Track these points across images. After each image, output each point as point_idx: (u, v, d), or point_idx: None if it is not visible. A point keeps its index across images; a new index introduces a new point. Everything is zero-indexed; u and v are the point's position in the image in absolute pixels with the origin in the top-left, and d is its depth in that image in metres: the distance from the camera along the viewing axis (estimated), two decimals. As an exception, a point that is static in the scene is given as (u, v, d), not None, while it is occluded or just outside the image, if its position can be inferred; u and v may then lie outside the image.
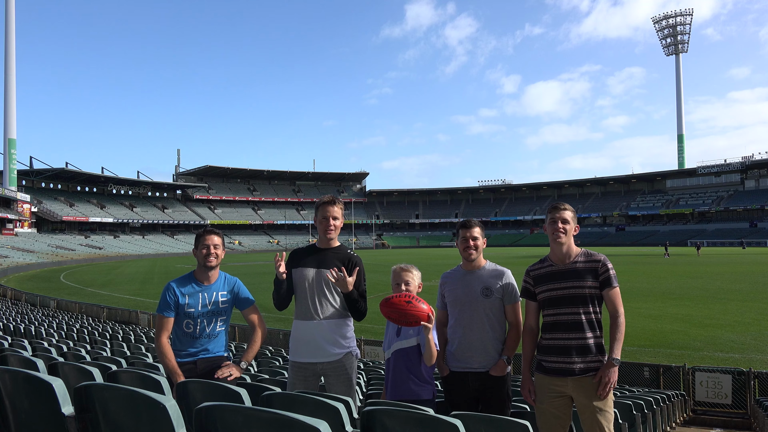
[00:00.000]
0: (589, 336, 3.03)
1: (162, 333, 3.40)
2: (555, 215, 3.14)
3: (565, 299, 3.06)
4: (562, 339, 3.05)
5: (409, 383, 3.27)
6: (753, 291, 21.75)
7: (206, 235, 3.55)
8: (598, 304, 3.07)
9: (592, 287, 3.03)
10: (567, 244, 3.12)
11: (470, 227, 3.41)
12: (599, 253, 3.13)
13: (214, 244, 3.52)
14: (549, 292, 3.12)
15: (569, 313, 3.04)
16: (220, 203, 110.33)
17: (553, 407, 3.08)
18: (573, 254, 3.13)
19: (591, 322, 3.04)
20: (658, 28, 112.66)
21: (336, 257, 3.45)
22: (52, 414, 2.10)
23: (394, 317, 3.10)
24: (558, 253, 3.14)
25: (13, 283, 33.51)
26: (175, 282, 3.51)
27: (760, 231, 75.50)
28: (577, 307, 3.03)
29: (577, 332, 3.03)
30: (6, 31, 65.86)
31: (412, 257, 59.77)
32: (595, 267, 3.05)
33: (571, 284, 3.05)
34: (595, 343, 3.04)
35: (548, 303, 3.13)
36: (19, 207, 67.43)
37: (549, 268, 3.16)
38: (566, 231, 3.10)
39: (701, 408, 8.72)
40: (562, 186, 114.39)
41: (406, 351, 3.30)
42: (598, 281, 3.03)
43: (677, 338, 13.32)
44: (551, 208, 3.20)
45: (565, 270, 3.09)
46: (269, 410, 1.76)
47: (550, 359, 3.10)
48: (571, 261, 3.11)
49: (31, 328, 9.75)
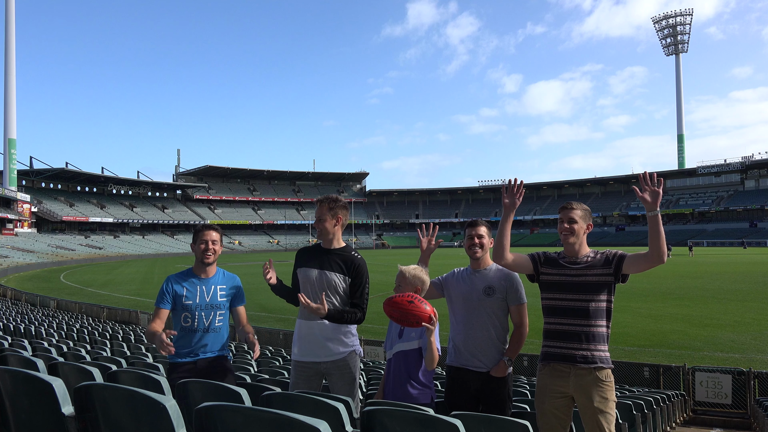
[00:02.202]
0: (601, 324, 3.01)
1: (155, 321, 3.40)
2: (563, 215, 3.14)
3: (577, 285, 3.04)
4: (568, 324, 3.03)
5: (407, 387, 3.22)
6: (753, 291, 21.76)
7: (205, 230, 3.55)
8: (609, 293, 3.04)
9: (607, 275, 3.02)
10: (578, 243, 3.11)
11: (476, 226, 3.44)
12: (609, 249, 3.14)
13: (212, 240, 3.52)
14: (559, 276, 3.09)
15: (577, 299, 3.02)
16: (220, 203, 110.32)
17: (554, 407, 3.07)
18: (584, 252, 3.12)
19: (599, 311, 3.02)
20: (658, 28, 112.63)
21: (339, 258, 3.44)
22: (52, 414, 2.10)
23: (396, 316, 3.05)
24: (570, 252, 3.14)
25: (13, 283, 33.50)
26: (174, 276, 3.54)
27: (760, 231, 75.50)
28: (590, 294, 3.01)
29: (585, 319, 3.01)
30: (6, 31, 65.86)
31: (412, 257, 59.67)
32: (607, 255, 3.06)
33: (585, 272, 3.04)
34: (606, 333, 3.03)
35: (557, 287, 3.09)
36: (19, 207, 67.43)
37: (563, 259, 3.15)
38: (574, 231, 3.09)
39: (701, 408, 8.72)
40: (562, 186, 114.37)
41: (406, 353, 3.26)
42: (611, 269, 3.02)
43: (677, 338, 13.32)
44: (561, 208, 3.20)
45: (579, 262, 3.09)
46: (269, 410, 1.76)
47: (555, 344, 3.07)
48: (585, 255, 3.11)
49: (31, 328, 9.74)
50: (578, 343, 3.01)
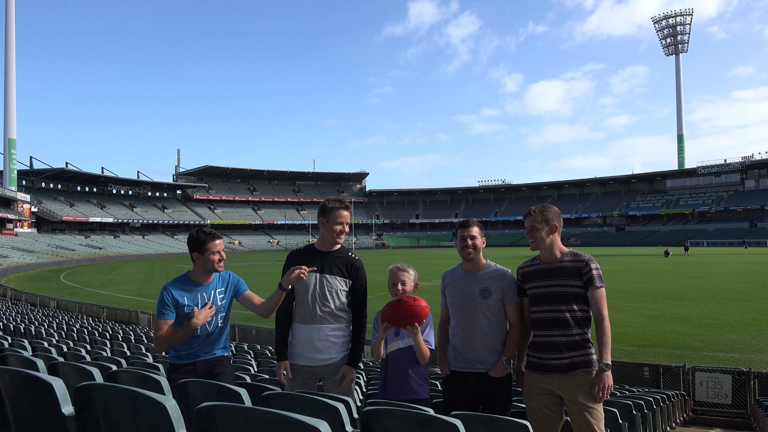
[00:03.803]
0: (575, 332, 3.06)
1: (162, 329, 3.34)
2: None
3: (549, 297, 3.11)
4: (548, 336, 3.10)
5: (410, 382, 3.33)
6: (753, 291, 21.76)
7: (214, 240, 3.43)
8: (584, 302, 3.09)
9: (577, 286, 3.07)
10: (543, 246, 3.18)
11: (468, 227, 3.43)
12: (585, 254, 3.16)
13: (222, 249, 3.47)
14: (536, 290, 3.18)
15: (554, 310, 3.09)
16: (220, 203, 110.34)
17: (542, 404, 3.13)
18: (559, 254, 3.17)
19: (576, 319, 3.08)
20: (658, 28, 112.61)
21: (338, 260, 3.42)
22: (52, 414, 2.10)
23: (391, 319, 3.21)
24: (545, 253, 3.20)
25: (13, 283, 33.51)
26: (171, 284, 3.44)
27: (760, 231, 75.51)
28: (561, 305, 3.08)
29: (563, 329, 3.07)
30: (6, 31, 65.87)
31: (412, 257, 59.79)
32: (580, 267, 3.08)
33: (557, 282, 3.10)
34: (581, 339, 3.08)
35: (534, 300, 3.19)
36: (19, 207, 67.43)
37: (537, 266, 3.22)
38: (536, 238, 3.17)
39: (701, 408, 8.72)
40: (562, 186, 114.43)
41: (404, 350, 3.37)
42: (582, 281, 3.07)
43: (677, 338, 13.32)
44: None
45: (552, 269, 3.14)
46: (269, 410, 1.76)
47: (538, 355, 3.16)
48: (558, 260, 3.15)
49: (31, 328, 9.74)
50: (564, 352, 3.07)
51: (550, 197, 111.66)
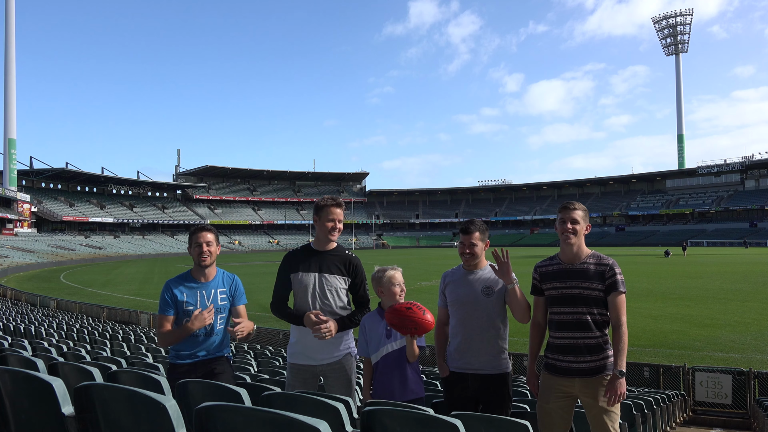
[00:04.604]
0: (597, 335, 3.02)
1: (164, 325, 3.37)
2: (565, 215, 3.10)
3: (570, 298, 3.04)
4: (569, 338, 3.04)
5: (407, 381, 3.36)
6: (753, 291, 21.76)
7: (199, 232, 3.44)
8: (603, 306, 3.03)
9: (598, 290, 3.00)
10: (577, 244, 3.09)
11: (469, 233, 3.37)
12: (608, 257, 3.09)
13: (207, 242, 3.43)
14: (555, 290, 3.10)
15: (575, 312, 3.03)
16: (220, 203, 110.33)
17: (558, 407, 3.08)
18: (583, 255, 3.10)
19: (597, 322, 3.02)
20: (658, 28, 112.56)
21: (336, 259, 3.42)
22: (52, 414, 2.10)
23: (396, 323, 3.22)
24: (568, 253, 3.12)
25: (13, 283, 33.51)
26: (172, 281, 3.45)
27: (760, 231, 75.50)
28: (582, 307, 3.02)
29: (584, 331, 3.02)
30: (6, 31, 65.87)
31: (412, 257, 59.80)
32: (603, 270, 3.01)
33: (578, 284, 3.03)
34: (603, 341, 3.04)
35: (553, 301, 3.12)
36: (19, 207, 67.44)
37: (557, 266, 3.14)
38: (576, 231, 3.07)
39: (701, 408, 8.72)
40: (562, 186, 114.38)
41: (399, 351, 3.40)
42: (604, 285, 3.00)
43: (677, 338, 13.33)
44: (561, 208, 3.15)
45: (574, 270, 3.06)
46: (269, 410, 1.76)
47: (560, 358, 3.08)
48: (581, 261, 3.07)
49: (31, 328, 9.74)
50: (586, 356, 3.02)
51: (550, 197, 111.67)
